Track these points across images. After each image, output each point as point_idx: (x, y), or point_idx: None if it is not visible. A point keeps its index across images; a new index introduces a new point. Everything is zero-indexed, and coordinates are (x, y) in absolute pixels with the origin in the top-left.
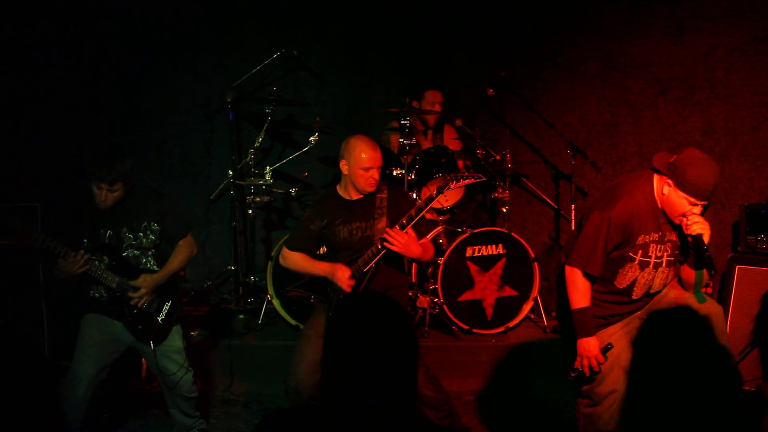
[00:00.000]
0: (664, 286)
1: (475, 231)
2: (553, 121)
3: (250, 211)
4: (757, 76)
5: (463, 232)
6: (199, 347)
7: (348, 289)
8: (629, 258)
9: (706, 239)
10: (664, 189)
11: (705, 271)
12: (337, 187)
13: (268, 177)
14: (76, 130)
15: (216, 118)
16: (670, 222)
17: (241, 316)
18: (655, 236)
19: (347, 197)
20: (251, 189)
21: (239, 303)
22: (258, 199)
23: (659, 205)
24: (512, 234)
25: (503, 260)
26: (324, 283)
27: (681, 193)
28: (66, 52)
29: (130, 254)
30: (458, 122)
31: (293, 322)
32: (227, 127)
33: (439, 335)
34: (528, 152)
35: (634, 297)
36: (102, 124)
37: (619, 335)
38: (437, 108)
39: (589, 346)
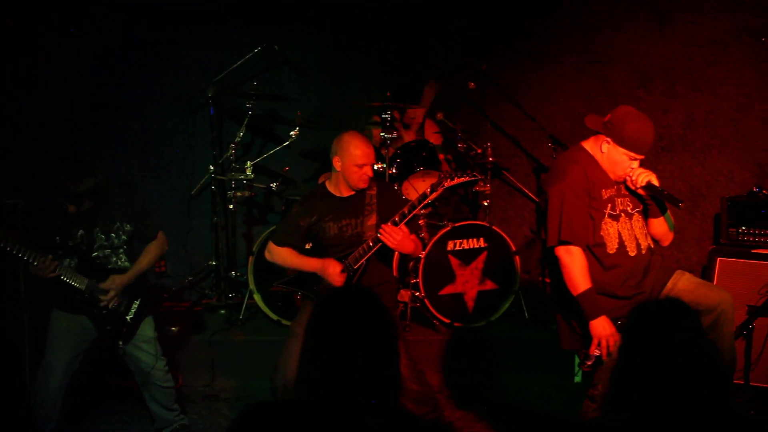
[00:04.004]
0: (647, 240)
1: (457, 224)
2: (534, 114)
3: (231, 206)
4: (739, 68)
5: (444, 226)
6: (179, 343)
7: (340, 285)
8: (600, 213)
9: (656, 183)
10: (602, 147)
11: (669, 212)
12: (327, 184)
13: (249, 172)
14: (57, 124)
15: (197, 112)
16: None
17: (223, 311)
18: (613, 191)
19: (337, 194)
20: (232, 184)
21: (220, 298)
22: (239, 193)
23: (601, 165)
24: (493, 227)
25: (484, 254)
26: (312, 279)
27: (621, 149)
28: (47, 47)
29: (101, 254)
30: (439, 116)
31: (274, 317)
32: (208, 122)
33: (421, 329)
34: (509, 145)
35: (631, 254)
36: (84, 118)
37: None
38: (419, 120)
39: (604, 326)
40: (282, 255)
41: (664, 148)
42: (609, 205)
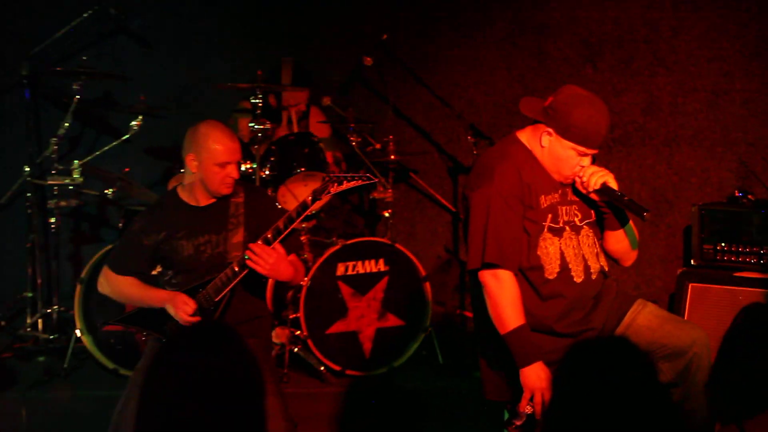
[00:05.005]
0: (599, 261)
1: (349, 242)
2: (449, 99)
3: (53, 220)
4: (715, 36)
5: (332, 244)
6: None
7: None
8: (538, 227)
9: (613, 185)
10: (543, 140)
11: (632, 223)
12: (179, 190)
13: (76, 174)
14: None
15: (7, 96)
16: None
17: (41, 358)
18: (556, 196)
19: (193, 202)
20: (54, 190)
21: (38, 341)
22: (63, 203)
23: (541, 163)
24: (397, 246)
25: (385, 280)
26: (160, 316)
27: (566, 143)
28: None
29: None
30: (326, 101)
31: (110, 364)
32: (22, 109)
33: (303, 379)
34: (417, 138)
35: (576, 279)
36: None
37: None
38: (302, 108)
39: (538, 375)
40: (120, 285)
41: (619, 141)
42: (549, 215)
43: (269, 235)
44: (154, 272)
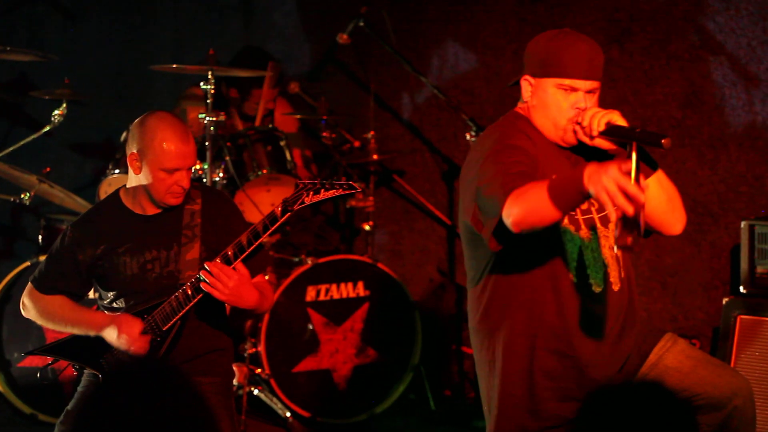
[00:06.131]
0: (619, 268)
1: (321, 261)
2: (444, 87)
3: None
4: None
5: (301, 263)
6: None
7: (140, 352)
8: None
9: (621, 122)
10: (524, 93)
11: (662, 171)
12: (121, 194)
13: None
14: None
15: None
16: (576, 150)
17: None
18: None
19: (138, 210)
20: None
21: None
22: None
23: (544, 131)
24: (379, 266)
25: (365, 307)
26: (96, 345)
27: (547, 81)
28: None
29: None
30: (293, 87)
31: (27, 409)
32: None
33: (264, 427)
34: (405, 135)
35: (596, 289)
36: None
37: None
38: (270, 105)
39: (596, 170)
40: (50, 307)
41: None
42: None
43: (230, 252)
44: (94, 296)
